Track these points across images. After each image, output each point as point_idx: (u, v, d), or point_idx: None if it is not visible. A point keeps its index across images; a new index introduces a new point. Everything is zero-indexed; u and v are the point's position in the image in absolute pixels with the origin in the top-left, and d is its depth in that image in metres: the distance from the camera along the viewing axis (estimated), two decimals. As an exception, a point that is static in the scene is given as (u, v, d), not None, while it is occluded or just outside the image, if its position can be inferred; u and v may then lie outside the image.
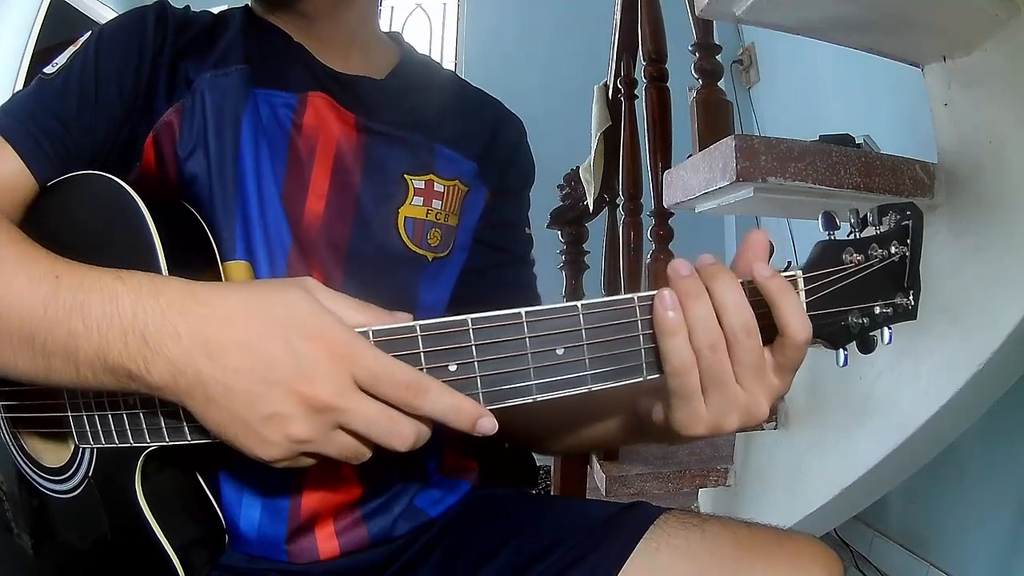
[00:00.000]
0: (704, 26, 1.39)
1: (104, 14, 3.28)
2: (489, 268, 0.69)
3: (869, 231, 0.46)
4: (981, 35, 0.96)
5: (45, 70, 0.57)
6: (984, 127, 0.98)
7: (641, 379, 0.43)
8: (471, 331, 0.41)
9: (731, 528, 0.59)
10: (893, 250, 0.46)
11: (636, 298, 0.43)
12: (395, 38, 0.74)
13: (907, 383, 1.11)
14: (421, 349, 0.41)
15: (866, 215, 0.46)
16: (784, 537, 0.59)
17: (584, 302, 0.42)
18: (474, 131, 0.70)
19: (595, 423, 0.60)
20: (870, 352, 0.47)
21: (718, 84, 1.38)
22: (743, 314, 0.42)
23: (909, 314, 0.47)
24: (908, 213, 0.46)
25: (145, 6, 0.61)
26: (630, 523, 0.60)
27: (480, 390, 0.42)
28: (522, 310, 0.42)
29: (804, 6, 0.99)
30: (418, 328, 0.41)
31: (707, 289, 0.42)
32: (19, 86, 2.90)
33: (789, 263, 0.46)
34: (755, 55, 2.99)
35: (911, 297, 0.46)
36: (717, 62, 1.39)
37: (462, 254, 0.68)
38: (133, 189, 0.51)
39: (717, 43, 1.39)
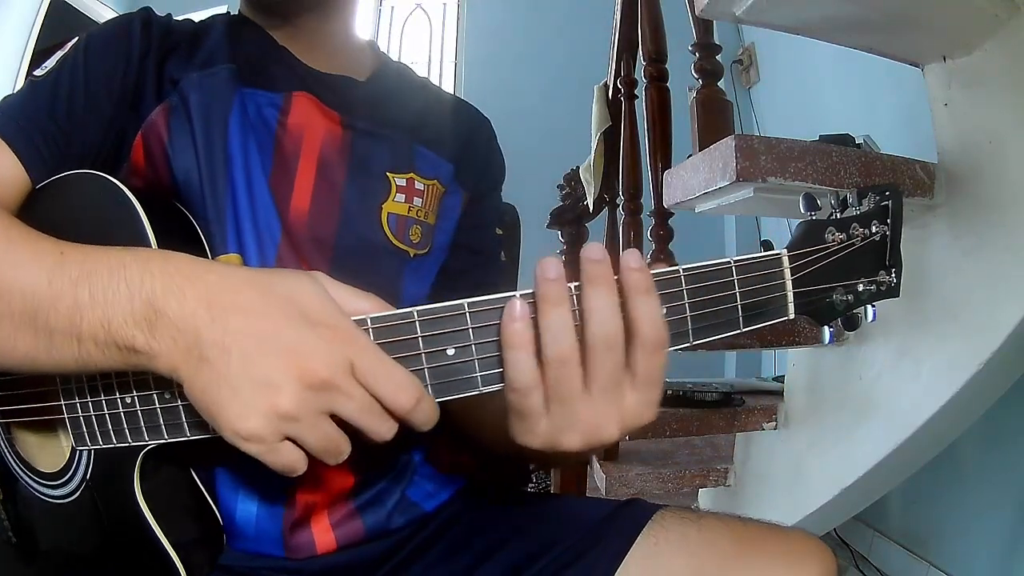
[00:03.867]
0: (704, 26, 1.39)
1: (104, 14, 3.28)
2: (467, 270, 0.72)
3: (850, 212, 0.47)
4: (981, 35, 0.96)
5: (35, 72, 0.59)
6: (984, 127, 0.98)
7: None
8: (468, 315, 0.41)
9: (727, 523, 0.60)
10: (874, 229, 0.46)
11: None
12: (372, 45, 0.77)
13: (907, 383, 1.11)
14: (419, 334, 0.42)
15: (845, 196, 0.47)
16: (780, 532, 0.60)
17: (571, 284, 0.41)
18: (451, 134, 0.72)
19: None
20: (854, 329, 0.48)
21: (718, 84, 1.38)
22: (607, 324, 0.39)
23: (892, 291, 0.47)
24: (887, 193, 0.47)
25: (131, 12, 0.63)
26: (629, 519, 0.61)
27: (478, 373, 0.42)
28: (516, 293, 0.41)
29: (804, 6, 0.99)
30: (416, 314, 0.42)
31: (580, 292, 0.39)
32: (19, 86, 2.91)
33: (765, 242, 0.47)
34: (755, 55, 2.99)
35: (893, 274, 0.47)
36: (717, 62, 1.39)
37: (441, 253, 0.71)
38: (137, 187, 0.51)
39: (717, 43, 1.39)
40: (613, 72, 1.96)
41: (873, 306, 0.48)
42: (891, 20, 0.99)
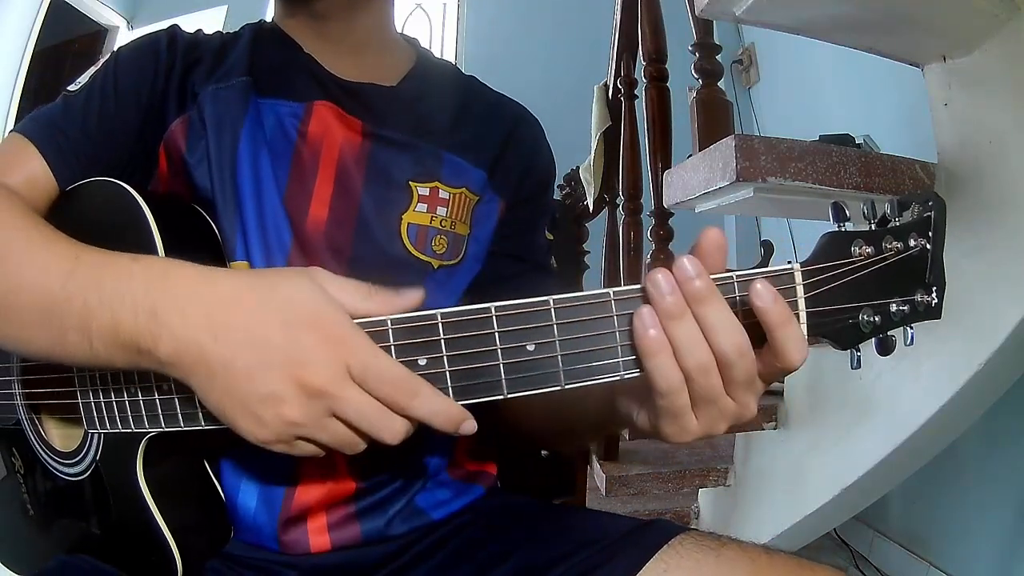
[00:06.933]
0: (704, 26, 1.39)
1: (104, 14, 3.28)
2: (509, 278, 0.70)
3: (890, 225, 0.43)
4: (981, 35, 0.96)
5: (69, 88, 0.63)
6: (984, 127, 0.98)
7: (619, 377, 0.42)
8: (440, 325, 0.41)
9: (750, 554, 0.55)
10: (912, 243, 0.42)
11: (612, 292, 0.41)
12: (411, 42, 0.75)
13: (907, 383, 1.11)
14: (392, 343, 0.42)
15: (884, 211, 0.42)
16: (805, 566, 0.54)
17: (557, 297, 0.41)
18: (486, 140, 0.70)
19: (573, 421, 0.59)
20: (888, 354, 0.43)
21: (718, 84, 1.38)
22: (735, 336, 0.40)
23: (932, 312, 0.43)
24: (930, 204, 0.42)
25: (159, 30, 0.66)
26: (643, 541, 0.58)
27: (449, 384, 0.42)
28: (491, 305, 0.41)
29: (804, 6, 0.99)
30: (389, 322, 0.42)
31: (693, 311, 0.40)
32: (19, 86, 2.91)
33: (790, 263, 0.44)
34: (755, 55, 2.99)
35: (934, 294, 0.43)
36: (717, 62, 1.39)
37: (475, 264, 0.69)
38: (154, 193, 0.55)
39: (717, 43, 1.39)
40: (613, 72, 1.96)
41: (911, 328, 0.43)
42: (891, 20, 0.99)
